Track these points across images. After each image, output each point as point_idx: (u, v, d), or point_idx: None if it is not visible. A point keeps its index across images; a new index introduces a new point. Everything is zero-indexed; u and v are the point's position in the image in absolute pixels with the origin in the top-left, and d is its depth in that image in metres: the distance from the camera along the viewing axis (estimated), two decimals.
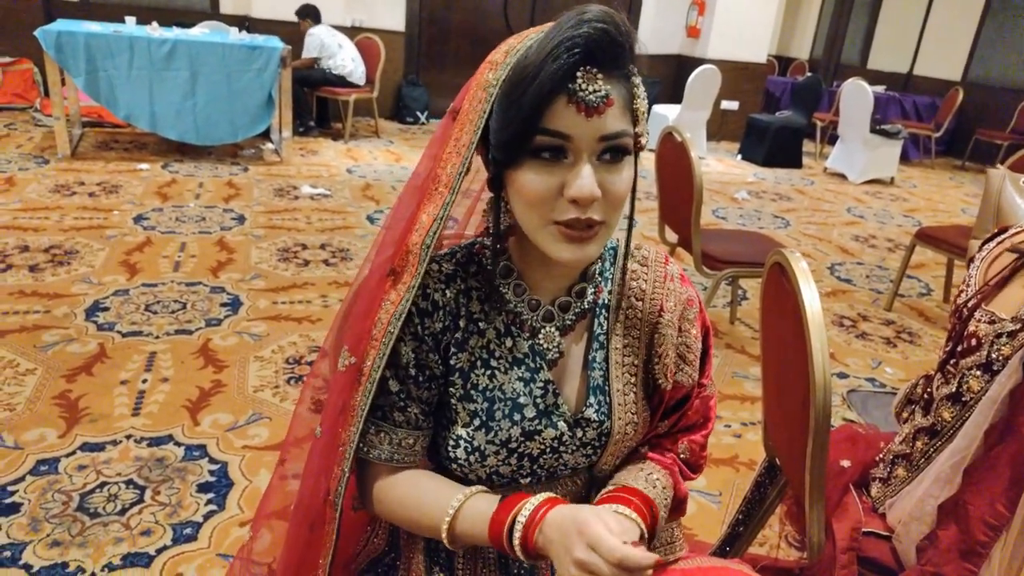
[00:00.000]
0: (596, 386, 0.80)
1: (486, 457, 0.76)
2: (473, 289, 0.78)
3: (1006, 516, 0.95)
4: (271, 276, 2.98)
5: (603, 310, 0.82)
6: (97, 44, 4.18)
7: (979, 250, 1.16)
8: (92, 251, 3.04)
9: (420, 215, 0.73)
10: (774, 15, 7.70)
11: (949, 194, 6.37)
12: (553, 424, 0.78)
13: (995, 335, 0.99)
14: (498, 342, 0.78)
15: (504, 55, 0.68)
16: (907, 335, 3.05)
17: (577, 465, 0.82)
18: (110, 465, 1.74)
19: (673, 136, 2.49)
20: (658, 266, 0.84)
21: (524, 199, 0.68)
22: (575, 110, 0.64)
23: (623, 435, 0.80)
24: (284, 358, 2.33)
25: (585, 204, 0.66)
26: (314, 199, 4.14)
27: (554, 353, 0.79)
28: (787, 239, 4.28)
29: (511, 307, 0.77)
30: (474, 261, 0.79)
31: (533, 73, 0.63)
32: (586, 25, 0.62)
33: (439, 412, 0.80)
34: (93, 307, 2.53)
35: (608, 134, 0.65)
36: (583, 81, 0.63)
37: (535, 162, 0.66)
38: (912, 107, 7.96)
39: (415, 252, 0.72)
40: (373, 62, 5.80)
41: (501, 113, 0.66)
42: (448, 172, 0.71)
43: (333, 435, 0.78)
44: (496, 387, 0.77)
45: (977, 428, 1.00)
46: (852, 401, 2.43)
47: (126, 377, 2.12)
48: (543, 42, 0.64)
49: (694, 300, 0.85)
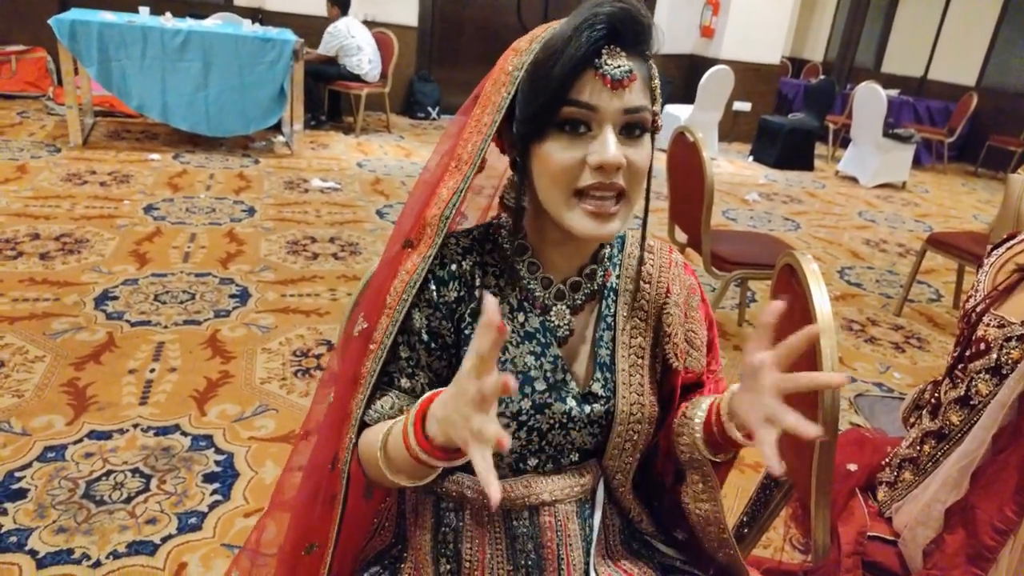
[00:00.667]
0: (603, 363, 0.82)
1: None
2: (488, 264, 0.80)
3: (1014, 521, 0.95)
4: (280, 268, 2.99)
5: (611, 293, 0.84)
6: (110, 34, 4.20)
7: (988, 255, 1.15)
8: (102, 240, 3.06)
9: (440, 190, 0.75)
10: (788, 16, 7.65)
11: (961, 200, 6.32)
12: (562, 399, 0.79)
13: (1004, 339, 0.99)
14: (511, 316, 0.79)
15: (529, 42, 0.72)
16: (916, 341, 3.03)
17: (584, 444, 0.82)
18: (117, 453, 1.76)
19: (685, 136, 2.48)
20: (663, 253, 0.87)
21: (549, 170, 0.70)
22: (601, 83, 0.67)
23: (627, 415, 0.81)
24: (291, 350, 2.33)
25: (610, 171, 0.69)
26: (324, 192, 4.15)
27: (565, 331, 0.81)
28: (797, 241, 4.26)
29: (524, 283, 0.80)
30: (490, 239, 0.82)
31: (561, 47, 0.67)
32: (608, 4, 0.67)
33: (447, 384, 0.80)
34: (103, 296, 2.55)
35: (631, 107, 0.69)
36: (608, 57, 0.67)
37: (560, 134, 0.69)
38: (926, 111, 7.91)
39: (433, 224, 0.75)
40: (386, 57, 5.81)
41: (528, 88, 0.70)
42: (469, 150, 0.74)
43: (346, 400, 0.79)
44: (508, 360, 0.78)
45: (985, 432, 0.99)
46: (860, 406, 2.41)
47: (134, 366, 2.13)
48: (569, 22, 0.68)
49: (696, 288, 0.88)
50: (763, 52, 7.44)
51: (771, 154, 6.55)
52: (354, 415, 0.77)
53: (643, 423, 0.82)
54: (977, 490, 1.01)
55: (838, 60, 8.08)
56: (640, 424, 0.82)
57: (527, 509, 0.81)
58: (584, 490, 0.84)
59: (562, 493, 0.82)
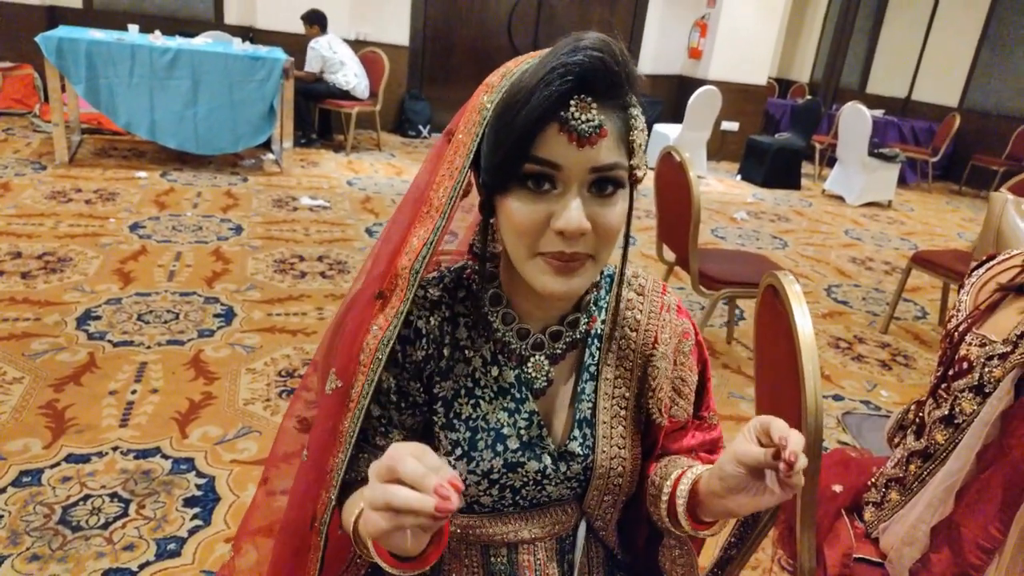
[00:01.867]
0: (583, 419, 0.78)
1: (466, 487, 0.75)
2: (460, 316, 0.76)
3: (999, 539, 0.94)
4: (267, 287, 2.97)
5: (595, 340, 0.79)
6: (98, 51, 4.20)
7: (969, 275, 1.15)
8: (86, 259, 3.03)
9: (411, 238, 0.71)
10: (775, 38, 7.78)
11: (946, 218, 6.39)
12: (537, 456, 0.76)
13: (986, 357, 0.99)
14: (484, 371, 0.76)
15: (500, 78, 0.67)
16: (903, 358, 3.04)
17: (562, 497, 0.80)
18: (95, 477, 1.72)
19: (672, 156, 2.49)
20: (655, 296, 0.82)
21: (511, 227, 0.66)
22: (567, 139, 0.61)
23: (607, 469, 0.78)
24: (277, 371, 2.31)
25: (572, 237, 0.64)
26: (313, 211, 4.14)
27: (542, 382, 0.77)
28: (785, 260, 4.28)
29: (499, 336, 0.75)
30: (463, 286, 0.77)
31: (525, 98, 0.61)
32: (581, 52, 0.60)
33: (423, 439, 0.78)
34: (84, 315, 2.52)
35: (600, 166, 0.63)
36: (576, 110, 0.61)
37: (523, 190, 0.64)
38: (910, 132, 8.02)
39: (404, 276, 0.70)
40: (377, 75, 5.84)
41: (492, 137, 0.65)
42: (440, 196, 0.69)
43: (321, 459, 0.76)
44: (480, 417, 0.75)
45: (969, 450, 0.99)
46: (847, 424, 2.41)
47: (115, 387, 2.10)
48: (537, 67, 0.62)
49: (690, 332, 0.83)
50: (750, 73, 7.54)
51: (759, 173, 6.61)
52: (335, 476, 0.73)
53: (624, 476, 0.79)
54: (962, 508, 1.00)
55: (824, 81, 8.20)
56: (621, 477, 0.79)
57: (505, 546, 0.79)
58: (564, 528, 0.82)
59: (542, 531, 0.80)
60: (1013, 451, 0.95)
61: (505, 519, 0.78)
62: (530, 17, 7.23)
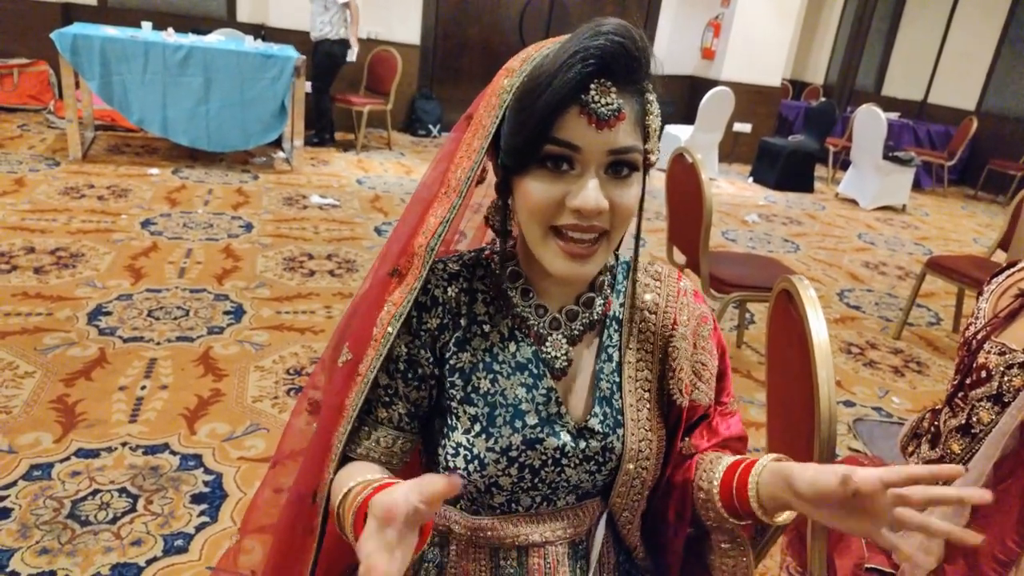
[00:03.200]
0: (603, 397, 0.78)
1: (485, 466, 0.74)
2: (479, 291, 0.77)
3: (1016, 551, 0.93)
4: (276, 285, 2.97)
5: (614, 322, 0.80)
6: (112, 48, 4.22)
7: (988, 283, 1.13)
8: (98, 255, 3.04)
9: (428, 217, 0.73)
10: (789, 39, 7.71)
11: (961, 223, 6.32)
12: (555, 433, 0.75)
13: (1006, 366, 0.97)
14: (502, 346, 0.76)
15: (521, 63, 0.68)
16: (915, 365, 3.00)
17: (580, 483, 0.79)
18: (104, 472, 1.73)
19: (684, 157, 2.48)
20: (671, 281, 0.83)
21: (527, 206, 0.68)
22: (586, 121, 0.63)
23: (636, 452, 0.78)
24: (285, 368, 2.31)
25: (589, 216, 0.66)
26: (323, 209, 4.15)
27: (562, 362, 0.77)
28: (797, 263, 4.24)
29: (517, 311, 0.76)
30: (482, 265, 0.79)
31: (547, 81, 0.63)
32: (602, 37, 0.62)
33: (438, 421, 0.78)
34: (96, 311, 2.53)
35: (617, 148, 0.65)
36: (596, 93, 0.63)
37: (542, 171, 0.66)
38: (926, 135, 7.94)
39: (419, 254, 0.72)
40: (389, 75, 5.84)
41: (513, 119, 0.67)
42: (458, 176, 0.71)
43: (328, 433, 0.76)
44: (498, 392, 0.75)
45: (987, 461, 0.97)
46: (858, 430, 2.38)
47: (125, 383, 2.11)
48: (559, 51, 0.64)
49: (708, 317, 0.84)
50: (764, 74, 7.48)
51: (771, 175, 6.56)
52: (335, 448, 0.74)
53: (651, 459, 0.79)
54: (978, 520, 0.98)
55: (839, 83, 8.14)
56: (648, 460, 0.79)
57: (515, 549, 0.78)
58: (578, 532, 0.80)
59: (554, 535, 0.78)
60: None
61: (516, 520, 0.77)
62: (542, 16, 7.21)
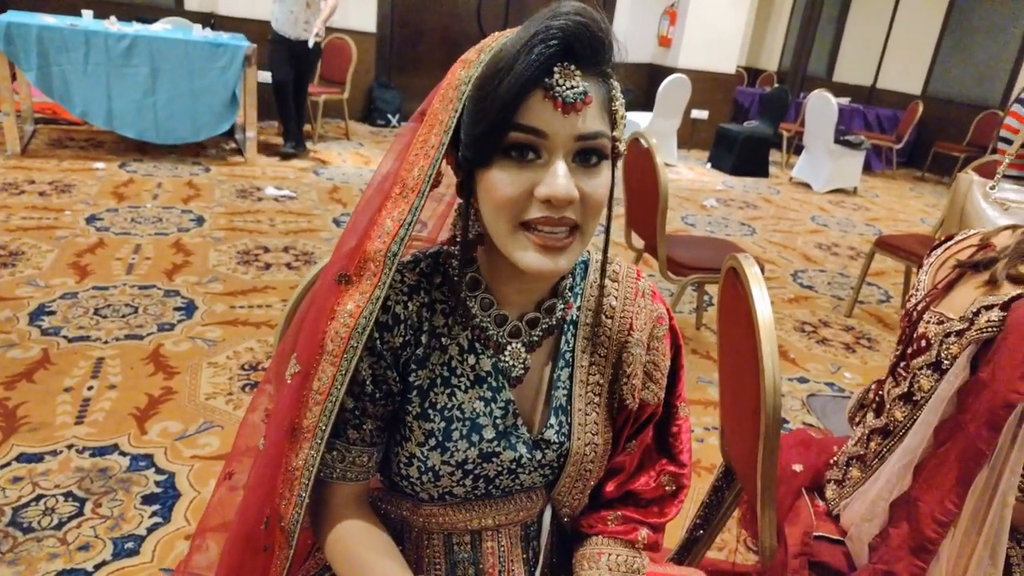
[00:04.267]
0: (559, 406, 0.77)
1: (440, 477, 0.73)
2: (437, 302, 0.74)
3: (954, 512, 0.96)
4: (229, 280, 2.90)
5: (571, 326, 0.78)
6: (51, 37, 4.05)
7: (928, 256, 1.16)
8: (40, 252, 2.93)
9: (383, 220, 0.67)
10: (744, 27, 7.82)
11: (909, 204, 6.52)
12: (512, 446, 0.74)
13: (944, 335, 1.00)
14: (460, 359, 0.74)
15: (477, 53, 0.65)
16: (866, 341, 3.09)
17: (534, 485, 0.79)
18: (48, 477, 1.67)
19: (640, 142, 2.49)
20: (630, 282, 0.81)
21: (493, 200, 0.64)
22: (552, 106, 0.61)
23: (581, 455, 0.77)
24: (240, 364, 2.26)
25: (559, 205, 0.62)
26: (278, 201, 4.07)
27: (519, 370, 0.75)
28: (753, 246, 4.32)
29: (477, 322, 0.73)
30: (439, 271, 0.75)
31: (508, 65, 0.60)
32: (563, 17, 0.60)
33: (392, 426, 0.76)
34: (38, 311, 2.44)
35: (585, 133, 0.62)
36: (560, 76, 0.60)
37: (507, 160, 0.63)
38: (875, 119, 8.15)
39: (377, 260, 0.67)
40: (344, 63, 5.74)
41: (473, 108, 0.63)
42: (415, 175, 0.66)
43: (278, 452, 0.73)
44: (455, 406, 0.73)
45: (927, 426, 1.00)
46: (812, 405, 2.44)
47: (71, 384, 2.04)
48: (519, 35, 0.62)
49: (664, 318, 0.82)
50: (719, 61, 7.58)
51: (728, 161, 6.66)
52: (305, 473, 0.71)
53: (595, 461, 0.79)
54: (920, 483, 1.01)
55: (791, 69, 8.28)
56: (592, 463, 0.79)
57: (468, 533, 0.78)
58: (530, 514, 0.80)
59: (506, 518, 0.78)
60: (968, 426, 0.97)
61: (469, 506, 0.77)
62: (499, 3, 7.17)
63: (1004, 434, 0.93)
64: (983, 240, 1.08)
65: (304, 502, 0.71)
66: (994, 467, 0.95)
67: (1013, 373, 0.91)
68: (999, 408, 0.92)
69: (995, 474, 0.95)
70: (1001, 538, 0.95)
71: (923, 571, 0.99)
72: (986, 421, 0.93)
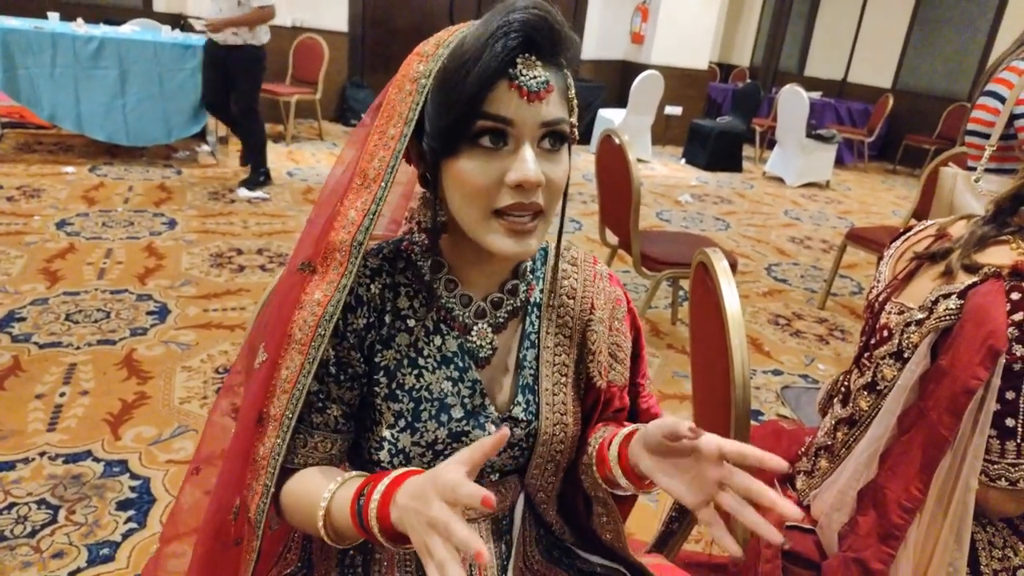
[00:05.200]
0: (525, 385, 0.79)
1: (411, 459, 0.74)
2: (401, 285, 0.75)
3: (920, 498, 0.98)
4: (203, 283, 2.87)
5: (535, 308, 0.81)
6: (16, 40, 3.98)
7: (887, 248, 1.19)
8: (8, 259, 2.87)
9: (346, 210, 0.69)
10: (715, 23, 7.89)
11: (881, 197, 6.63)
12: (481, 425, 0.76)
13: (904, 324, 1.02)
14: (427, 340, 0.75)
15: (435, 47, 0.67)
16: (839, 332, 3.14)
17: (505, 467, 0.80)
18: (20, 485, 1.64)
19: (612, 138, 2.51)
20: (587, 266, 0.84)
21: (464, 189, 0.66)
22: (517, 95, 0.63)
23: (551, 436, 0.79)
24: (214, 367, 2.24)
25: (530, 188, 0.65)
26: (251, 203, 4.03)
27: (487, 351, 0.77)
28: (727, 241, 4.37)
29: (443, 303, 0.75)
30: (402, 257, 0.76)
31: (474, 57, 0.62)
32: (521, 11, 0.63)
33: (362, 413, 0.76)
34: (8, 317, 2.39)
35: (550, 120, 0.65)
36: (523, 67, 0.63)
37: (475, 150, 0.65)
38: (846, 113, 8.28)
39: (343, 250, 0.68)
40: (316, 63, 5.69)
41: (439, 100, 0.65)
42: (376, 166, 0.68)
43: (245, 442, 0.73)
44: (423, 387, 0.74)
45: (891, 415, 1.02)
46: (786, 397, 2.48)
47: (42, 391, 2.01)
48: (480, 29, 0.64)
49: (622, 300, 0.86)
50: (691, 58, 7.65)
51: (702, 157, 6.73)
52: (271, 462, 0.71)
53: (566, 443, 0.80)
54: (885, 471, 1.04)
55: (763, 65, 8.39)
56: (563, 444, 0.80)
57: None
58: (501, 508, 0.81)
59: (477, 513, 0.79)
60: (930, 413, 0.99)
61: None
62: (471, 2, 7.16)
63: (965, 420, 0.95)
64: (940, 230, 1.10)
65: (270, 492, 0.71)
66: (956, 452, 0.97)
67: (972, 359, 0.93)
68: (960, 394, 0.94)
69: (958, 459, 0.98)
70: (966, 521, 0.98)
71: (891, 557, 1.01)
72: (947, 407, 0.96)
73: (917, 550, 1.00)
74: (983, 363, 0.91)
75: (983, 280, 0.95)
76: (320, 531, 0.66)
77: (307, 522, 0.70)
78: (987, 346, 0.91)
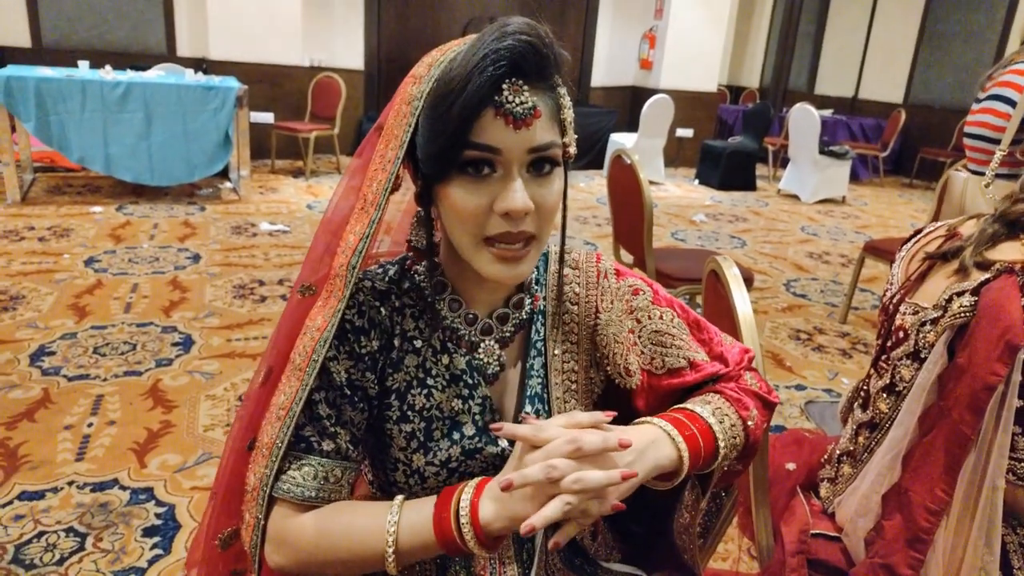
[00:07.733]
0: (534, 394, 0.79)
1: (426, 479, 0.74)
2: (406, 306, 0.76)
3: (945, 500, 0.96)
4: (226, 313, 2.92)
5: (540, 317, 0.81)
6: (48, 88, 4.14)
7: (899, 250, 1.19)
8: (40, 296, 2.95)
9: (347, 235, 0.70)
10: (722, 46, 7.98)
11: (899, 210, 6.57)
12: (493, 441, 0.76)
13: (920, 324, 1.02)
14: (434, 360, 0.76)
15: (427, 68, 0.67)
16: (862, 346, 3.10)
17: None
18: (49, 513, 1.67)
19: (623, 159, 2.53)
20: (589, 267, 0.83)
21: (455, 216, 0.67)
22: (503, 123, 0.63)
23: None
24: (237, 395, 2.27)
25: (517, 217, 0.65)
26: (272, 236, 4.11)
27: (495, 367, 0.77)
28: (744, 258, 4.35)
29: (448, 323, 0.76)
30: (406, 277, 0.77)
31: (459, 87, 0.62)
32: (509, 38, 0.62)
33: (374, 437, 0.77)
34: (38, 352, 2.45)
35: (537, 146, 0.65)
36: (509, 94, 0.63)
37: (464, 177, 0.65)
38: (859, 129, 8.26)
39: (340, 275, 0.69)
40: (334, 100, 5.84)
41: (428, 126, 0.65)
42: (374, 190, 0.69)
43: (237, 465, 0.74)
44: (434, 406, 0.75)
45: (911, 416, 1.01)
46: (810, 412, 2.45)
47: (71, 422, 2.05)
48: (467, 55, 0.63)
49: (639, 288, 0.82)
50: (700, 81, 7.72)
51: (715, 176, 6.74)
52: (260, 492, 0.70)
53: None
54: (909, 474, 1.02)
55: (773, 85, 8.43)
56: None
57: None
58: None
59: None
60: (951, 412, 0.98)
61: None
62: None
63: (987, 417, 0.94)
64: (950, 230, 1.11)
65: (261, 524, 0.70)
66: (980, 451, 0.96)
67: (990, 355, 0.93)
68: (980, 391, 0.93)
69: (982, 458, 0.96)
70: (995, 523, 0.96)
71: (920, 562, 0.99)
72: (968, 405, 0.95)
73: (946, 554, 0.98)
74: (1001, 359, 0.91)
75: (996, 276, 0.94)
76: (388, 557, 0.66)
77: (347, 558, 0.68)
78: (1004, 341, 0.90)
